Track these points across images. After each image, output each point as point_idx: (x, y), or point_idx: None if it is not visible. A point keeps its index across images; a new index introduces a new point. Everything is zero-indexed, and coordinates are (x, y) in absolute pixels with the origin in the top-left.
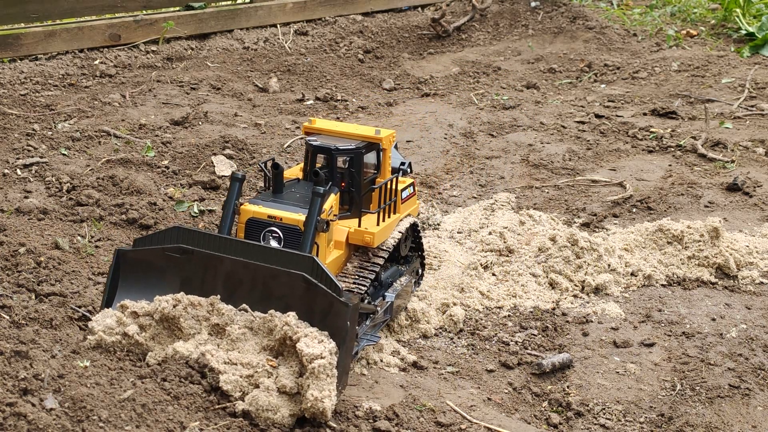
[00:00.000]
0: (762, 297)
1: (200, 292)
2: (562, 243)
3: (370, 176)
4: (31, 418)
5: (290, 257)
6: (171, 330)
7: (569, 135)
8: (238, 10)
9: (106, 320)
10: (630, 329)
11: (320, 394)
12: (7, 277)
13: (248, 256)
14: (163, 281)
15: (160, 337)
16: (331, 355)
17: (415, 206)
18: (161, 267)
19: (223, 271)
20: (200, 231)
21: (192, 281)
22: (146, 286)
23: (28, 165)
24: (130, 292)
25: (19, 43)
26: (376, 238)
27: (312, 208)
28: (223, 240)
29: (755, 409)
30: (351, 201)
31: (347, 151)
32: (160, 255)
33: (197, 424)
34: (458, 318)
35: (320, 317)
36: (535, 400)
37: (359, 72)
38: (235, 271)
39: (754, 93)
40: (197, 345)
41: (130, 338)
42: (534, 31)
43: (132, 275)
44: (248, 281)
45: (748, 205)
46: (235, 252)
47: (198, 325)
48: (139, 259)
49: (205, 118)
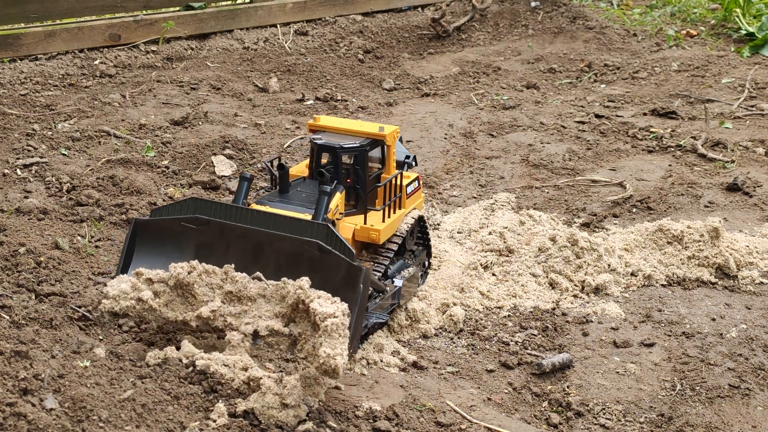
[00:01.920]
0: (762, 297)
1: (215, 261)
2: (562, 243)
3: (375, 172)
4: (31, 418)
5: (305, 225)
6: (185, 297)
7: (569, 135)
8: (238, 10)
9: (121, 285)
10: (630, 329)
11: (332, 351)
12: (7, 277)
13: (263, 226)
14: (179, 250)
15: (174, 304)
16: (344, 315)
17: (421, 200)
18: (177, 236)
19: (237, 240)
20: (216, 201)
21: (207, 250)
22: (161, 254)
23: (28, 165)
24: (145, 261)
25: (19, 43)
26: (381, 234)
27: (318, 207)
28: (238, 210)
29: (755, 409)
30: (357, 198)
31: (352, 149)
32: (176, 225)
33: (197, 424)
34: (458, 318)
35: (334, 283)
36: (535, 400)
37: (359, 72)
38: (250, 240)
39: (754, 93)
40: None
41: (144, 303)
42: (534, 31)
43: (148, 244)
44: (263, 250)
45: (748, 205)
46: (250, 221)
47: (211, 293)
48: (155, 228)
49: (205, 118)
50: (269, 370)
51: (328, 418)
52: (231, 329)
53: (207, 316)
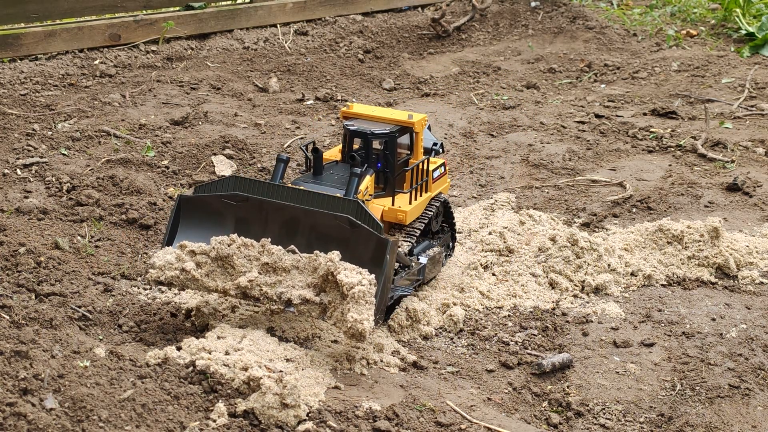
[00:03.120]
0: (762, 297)
1: (253, 235)
2: (562, 243)
3: (404, 158)
4: (31, 418)
5: (336, 201)
6: (224, 268)
7: (569, 135)
8: (238, 10)
9: (166, 257)
10: (630, 329)
11: (359, 316)
12: (7, 277)
13: (298, 202)
14: (219, 225)
15: (214, 274)
16: (370, 284)
17: (446, 184)
18: (218, 212)
19: (274, 215)
20: (255, 179)
21: (245, 225)
22: (203, 228)
23: (28, 165)
24: (188, 234)
25: (19, 43)
26: (408, 215)
27: (349, 186)
28: (275, 187)
29: (755, 409)
30: (385, 181)
31: (382, 135)
32: (217, 201)
33: (197, 424)
34: (458, 318)
35: (363, 255)
36: (535, 400)
37: (359, 72)
38: (286, 215)
39: (754, 93)
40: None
41: (188, 273)
42: (534, 31)
43: (191, 219)
44: (298, 224)
45: (748, 205)
46: (286, 198)
47: (249, 264)
48: (198, 204)
49: (205, 118)
50: (269, 370)
51: (328, 418)
52: (266, 298)
53: (245, 286)
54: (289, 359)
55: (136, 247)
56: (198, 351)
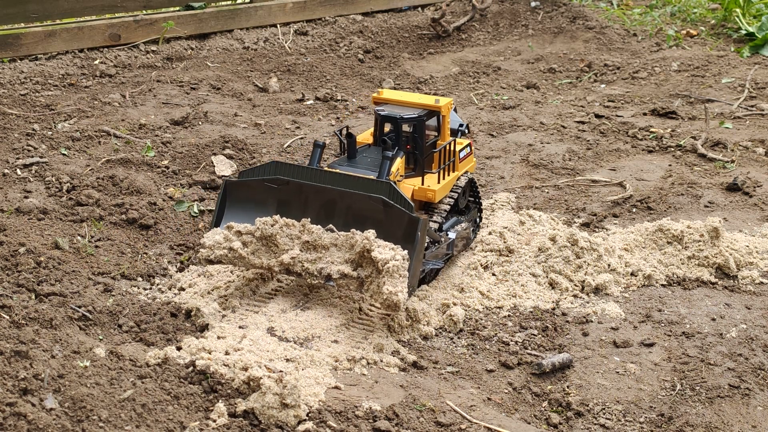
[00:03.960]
0: (762, 297)
1: (293, 216)
2: (562, 243)
3: (432, 139)
4: (31, 418)
5: (371, 183)
6: (268, 246)
7: (569, 135)
8: (238, 10)
9: (215, 237)
10: (630, 329)
11: (394, 288)
12: (7, 277)
13: (335, 185)
14: (262, 207)
15: (259, 252)
16: (403, 260)
17: (473, 163)
18: (261, 195)
19: (313, 197)
20: (295, 164)
21: (286, 206)
22: (248, 210)
23: (28, 165)
24: (234, 216)
25: (19, 43)
26: (437, 194)
27: (382, 169)
28: (313, 171)
29: (755, 409)
30: (415, 162)
31: (411, 119)
32: (260, 185)
33: (197, 424)
34: (458, 318)
35: (396, 232)
36: (535, 400)
37: (359, 72)
38: (324, 197)
39: (754, 93)
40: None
41: (235, 252)
42: (534, 31)
43: (236, 202)
44: (335, 205)
45: (748, 205)
46: (324, 181)
47: (291, 242)
48: (242, 188)
49: (205, 118)
50: (269, 370)
51: (328, 418)
52: (308, 273)
53: (288, 262)
54: (289, 359)
55: (136, 247)
56: (198, 351)
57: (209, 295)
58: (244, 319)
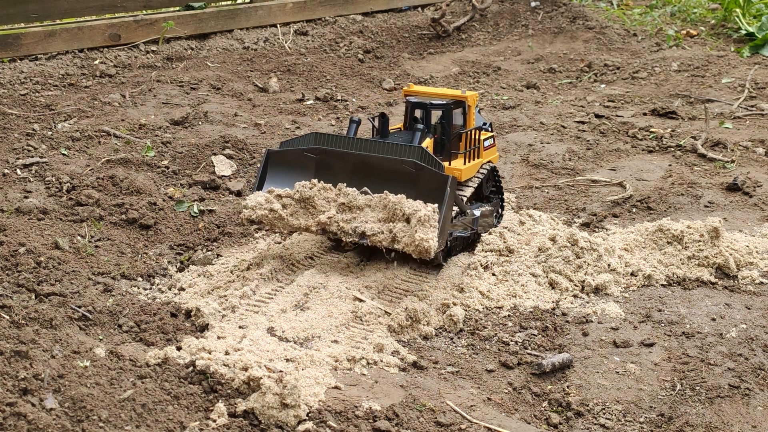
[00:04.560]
0: (762, 297)
1: (330, 181)
2: (562, 243)
3: (458, 129)
4: (31, 418)
5: (403, 148)
6: (306, 208)
7: (569, 135)
8: (238, 10)
9: (257, 198)
10: (630, 329)
11: (425, 236)
12: (7, 277)
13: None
14: (301, 174)
15: (298, 214)
16: (434, 212)
17: (495, 155)
18: (300, 163)
19: (349, 163)
20: (332, 134)
21: (324, 173)
22: (287, 177)
23: (28, 165)
24: (275, 182)
25: (19, 43)
26: (464, 173)
27: (413, 138)
28: (350, 139)
29: (755, 409)
30: (443, 147)
31: (440, 106)
32: (299, 154)
33: (197, 424)
34: (458, 318)
35: (427, 192)
36: (535, 400)
37: (359, 72)
38: (359, 162)
39: (754, 93)
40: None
41: (275, 213)
42: (534, 31)
43: (277, 169)
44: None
45: (748, 205)
46: (359, 148)
47: (327, 204)
48: (282, 156)
49: (205, 118)
50: (269, 370)
51: (328, 418)
52: (343, 232)
53: (324, 222)
54: (289, 359)
55: (136, 247)
56: (198, 351)
57: (209, 295)
58: (244, 319)
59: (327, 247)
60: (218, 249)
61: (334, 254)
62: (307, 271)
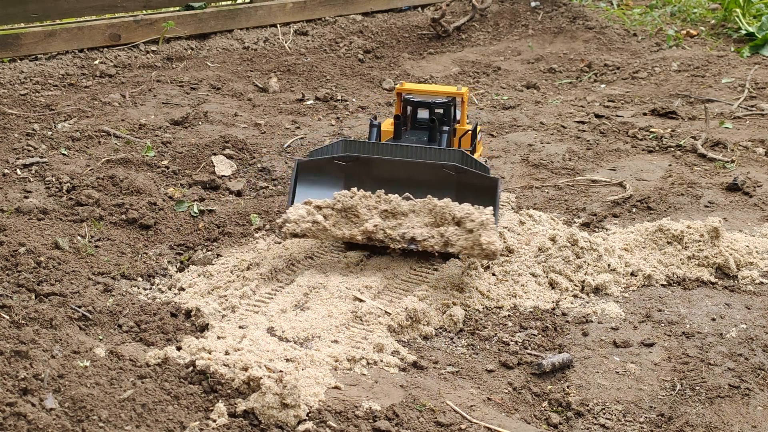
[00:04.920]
0: (762, 297)
1: (365, 189)
2: (562, 243)
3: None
4: (31, 418)
5: (442, 152)
6: (348, 218)
7: (569, 135)
8: (238, 10)
9: (299, 211)
10: (630, 329)
11: (490, 239)
12: (7, 277)
13: (407, 156)
14: (332, 183)
15: (340, 224)
16: (491, 214)
17: (483, 149)
18: (330, 171)
19: (382, 170)
20: (362, 141)
21: (356, 181)
22: (319, 186)
23: (28, 165)
24: (306, 193)
25: (19, 43)
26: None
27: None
28: (381, 146)
29: (755, 409)
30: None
31: (442, 104)
32: (330, 162)
33: (197, 424)
34: (458, 318)
35: (474, 194)
36: (535, 400)
37: (359, 72)
38: (395, 169)
39: (754, 93)
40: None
41: (319, 225)
42: (534, 31)
43: (307, 179)
44: (406, 177)
45: (748, 205)
46: (392, 154)
47: (370, 212)
48: (313, 166)
49: (205, 118)
50: (269, 370)
51: (328, 418)
52: (390, 239)
53: (371, 230)
54: (289, 359)
55: (136, 247)
56: (198, 351)
57: (209, 295)
58: (244, 319)
59: (327, 247)
60: (218, 249)
61: (334, 254)
62: (307, 271)
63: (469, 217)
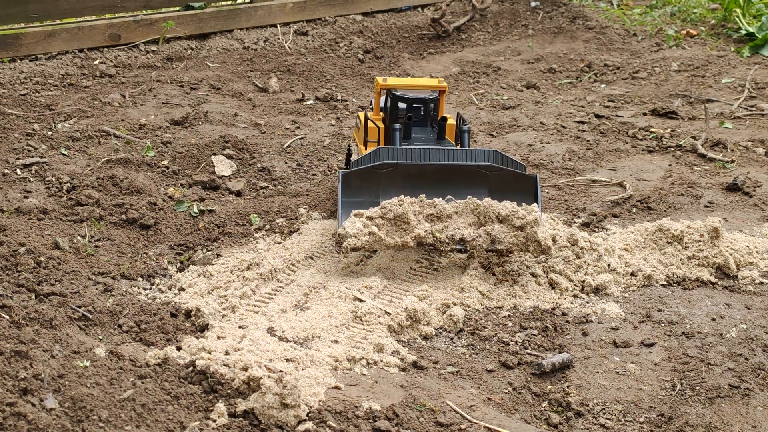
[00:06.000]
0: (762, 297)
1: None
2: (562, 243)
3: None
4: (31, 418)
5: (476, 153)
6: (398, 225)
7: (569, 135)
8: (238, 10)
9: (356, 225)
10: (630, 329)
11: (544, 235)
12: (7, 277)
13: (441, 160)
14: (374, 190)
15: (392, 232)
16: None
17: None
18: (371, 180)
19: (421, 174)
20: (399, 148)
21: (396, 187)
22: (362, 195)
23: (28, 165)
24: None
25: (19, 43)
26: None
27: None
28: (417, 150)
29: (755, 409)
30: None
31: (431, 100)
32: (369, 171)
33: (197, 424)
34: (458, 318)
35: (513, 191)
36: (535, 400)
37: (359, 72)
38: (433, 173)
39: (754, 93)
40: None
41: (375, 235)
42: (534, 31)
43: (350, 190)
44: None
45: (748, 205)
46: (428, 159)
47: (416, 218)
48: (355, 177)
49: (205, 118)
50: (269, 370)
51: (328, 418)
52: (439, 242)
53: (423, 236)
54: (289, 359)
55: (136, 247)
56: (198, 351)
57: (209, 295)
58: (244, 319)
59: (327, 247)
60: (218, 249)
61: (334, 254)
62: (307, 271)
63: (516, 215)
